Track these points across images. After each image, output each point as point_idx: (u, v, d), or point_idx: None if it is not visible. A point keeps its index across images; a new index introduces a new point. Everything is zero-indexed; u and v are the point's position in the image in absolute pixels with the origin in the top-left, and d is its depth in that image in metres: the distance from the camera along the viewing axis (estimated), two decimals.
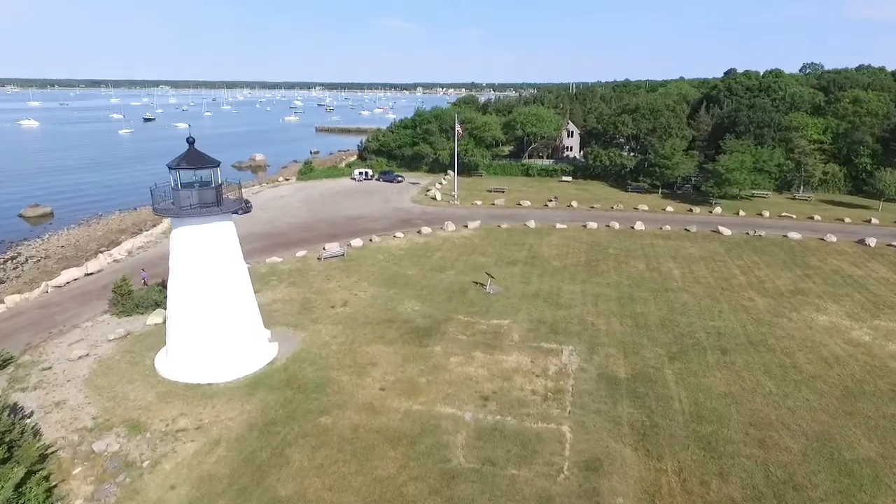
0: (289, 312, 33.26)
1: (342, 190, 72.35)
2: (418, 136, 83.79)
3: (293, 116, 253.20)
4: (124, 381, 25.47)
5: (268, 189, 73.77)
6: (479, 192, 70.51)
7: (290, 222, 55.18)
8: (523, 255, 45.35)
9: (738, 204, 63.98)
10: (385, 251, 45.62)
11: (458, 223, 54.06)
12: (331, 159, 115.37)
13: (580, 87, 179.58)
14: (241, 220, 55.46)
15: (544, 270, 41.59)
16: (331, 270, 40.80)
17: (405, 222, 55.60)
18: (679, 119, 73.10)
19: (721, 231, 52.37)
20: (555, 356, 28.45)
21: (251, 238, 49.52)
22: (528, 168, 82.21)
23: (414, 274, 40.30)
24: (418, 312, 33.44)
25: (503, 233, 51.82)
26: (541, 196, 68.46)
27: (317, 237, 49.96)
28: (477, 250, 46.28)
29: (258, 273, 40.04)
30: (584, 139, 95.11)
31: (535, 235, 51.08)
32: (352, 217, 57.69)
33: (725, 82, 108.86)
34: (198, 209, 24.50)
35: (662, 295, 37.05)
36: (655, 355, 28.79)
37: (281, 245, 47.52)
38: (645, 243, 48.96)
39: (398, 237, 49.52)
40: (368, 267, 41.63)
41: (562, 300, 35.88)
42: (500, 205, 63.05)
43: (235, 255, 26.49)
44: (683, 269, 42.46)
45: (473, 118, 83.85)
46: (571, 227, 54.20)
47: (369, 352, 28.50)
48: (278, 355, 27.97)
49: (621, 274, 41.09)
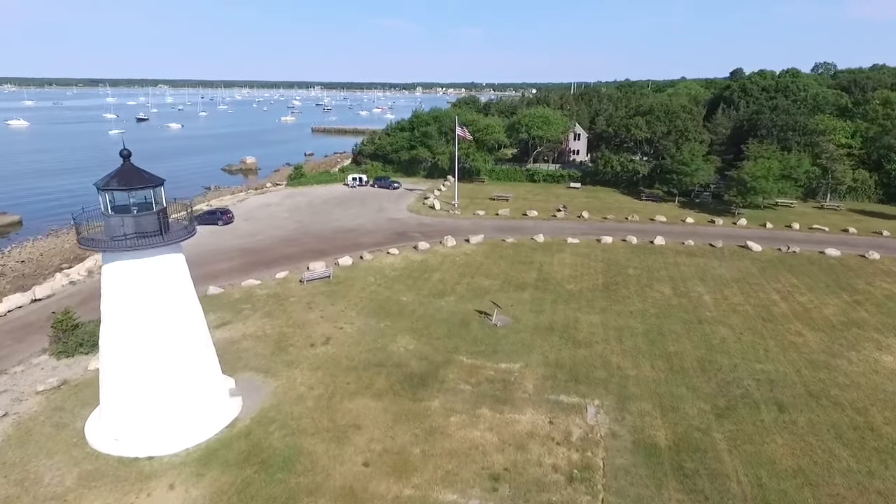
0: (260, 353, 28.16)
1: (334, 197, 67.26)
2: (416, 140, 78.70)
3: (290, 116, 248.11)
4: (42, 453, 20.37)
5: (254, 196, 68.67)
6: (482, 200, 65.43)
7: (274, 236, 50.07)
8: (533, 276, 40.29)
9: (763, 214, 58.92)
10: (377, 271, 40.54)
11: (458, 237, 49.01)
12: (325, 162, 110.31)
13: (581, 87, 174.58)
14: (221, 233, 50.47)
15: (557, 296, 36.53)
16: (314, 296, 35.72)
17: (401, 235, 50.50)
18: (696, 122, 68.05)
19: (750, 246, 47.31)
20: (578, 414, 23.37)
21: (228, 254, 44.45)
22: (534, 173, 77.09)
23: (409, 301, 35.23)
24: (413, 352, 28.36)
25: (509, 249, 46.73)
26: (548, 205, 63.38)
27: (302, 254, 44.87)
28: (480, 270, 41.21)
29: (230, 300, 34.95)
30: (591, 142, 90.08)
31: (544, 252, 46.00)
32: (342, 229, 52.58)
33: (739, 82, 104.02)
34: (135, 240, 19.41)
35: (696, 328, 31.99)
36: (699, 412, 23.74)
37: (261, 264, 42.43)
38: (668, 262, 43.89)
39: (392, 254, 44.45)
40: (357, 292, 36.54)
41: (580, 335, 30.81)
42: (504, 215, 57.98)
43: (185, 294, 21.38)
44: (715, 294, 37.41)
45: (475, 120, 78.72)
46: (584, 241, 49.12)
47: (352, 409, 23.42)
48: (241, 414, 22.89)
49: (645, 300, 36.03)
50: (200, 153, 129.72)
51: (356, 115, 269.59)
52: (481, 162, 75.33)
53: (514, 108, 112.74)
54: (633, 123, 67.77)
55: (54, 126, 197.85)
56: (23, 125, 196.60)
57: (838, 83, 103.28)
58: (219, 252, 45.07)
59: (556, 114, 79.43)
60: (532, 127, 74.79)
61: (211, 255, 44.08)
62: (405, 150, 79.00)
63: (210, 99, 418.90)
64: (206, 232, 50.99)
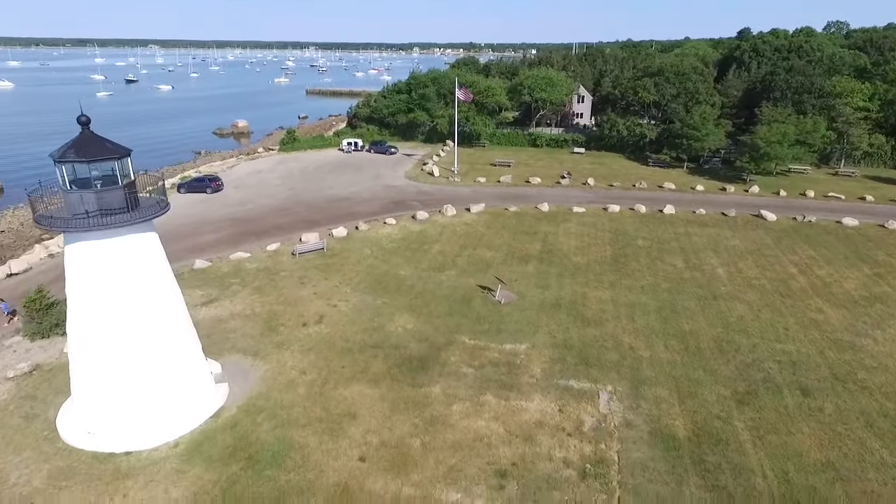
0: (249, 333, 26.39)
1: (328, 163, 64.54)
2: (414, 102, 75.31)
3: (283, 78, 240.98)
4: (10, 449, 18.75)
5: (245, 162, 65.90)
6: (483, 167, 62.83)
7: (265, 205, 47.75)
8: (537, 247, 38.31)
9: (775, 181, 56.59)
10: (373, 243, 38.49)
11: (459, 205, 46.79)
12: (319, 126, 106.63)
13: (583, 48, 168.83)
14: (209, 202, 48.15)
15: (564, 269, 34.64)
16: (307, 270, 33.78)
17: (398, 204, 48.23)
18: (707, 83, 64.84)
19: (764, 216, 45.24)
20: (589, 402, 21.80)
21: (217, 225, 42.27)
22: (536, 138, 74.13)
23: (407, 275, 33.33)
24: (412, 332, 26.62)
25: (512, 218, 44.59)
26: (552, 171, 60.86)
27: (294, 224, 42.70)
28: (482, 241, 39.19)
29: (218, 274, 33.00)
30: (595, 105, 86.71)
31: (549, 221, 43.90)
32: (337, 198, 50.24)
33: (749, 41, 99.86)
34: (98, 218, 17.27)
35: (711, 304, 30.25)
36: (719, 398, 22.19)
37: (251, 234, 40.30)
38: (679, 232, 41.88)
39: (389, 224, 42.31)
40: (352, 265, 34.58)
41: (589, 312, 29.06)
42: (506, 182, 55.57)
43: (159, 275, 19.39)
44: (729, 266, 35.57)
45: (475, 81, 75.17)
46: (590, 210, 46.96)
47: (347, 396, 21.78)
48: (227, 402, 21.25)
49: (656, 274, 34.19)
50: (191, 116, 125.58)
51: (352, 77, 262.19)
52: (482, 126, 72.28)
53: (515, 70, 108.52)
54: (641, 85, 64.53)
55: (40, 88, 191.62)
56: (7, 86, 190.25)
57: (852, 43, 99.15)
58: (207, 222, 42.86)
59: (560, 75, 75.90)
60: (535, 89, 71.42)
61: (198, 226, 41.90)
62: (402, 113, 75.73)
63: (202, 60, 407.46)
64: (195, 200, 48.69)
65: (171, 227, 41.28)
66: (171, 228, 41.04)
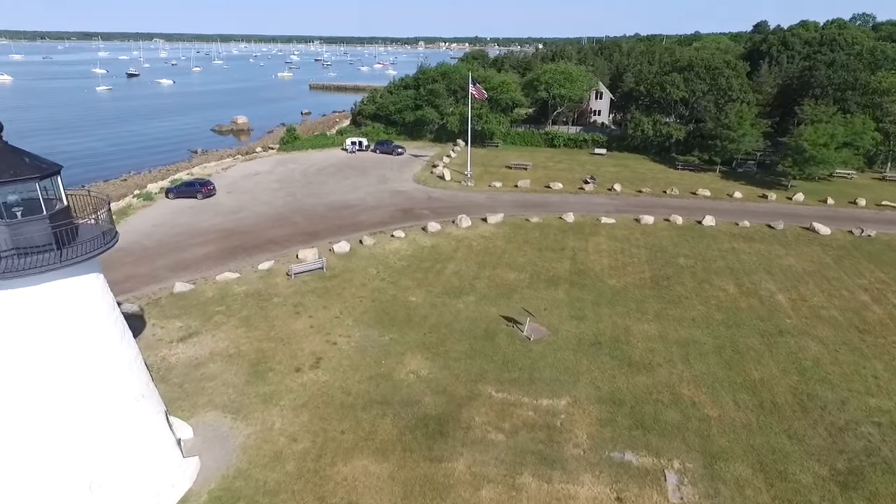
0: (230, 381, 21.93)
1: (330, 165, 59.96)
2: (422, 99, 70.53)
3: (287, 72, 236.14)
4: None
5: (242, 163, 61.40)
6: (497, 169, 58.12)
7: (259, 213, 43.24)
8: (566, 267, 33.67)
9: (819, 188, 51.68)
10: (379, 261, 33.95)
11: (474, 215, 42.20)
12: (322, 122, 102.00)
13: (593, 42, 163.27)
14: (199, 209, 43.70)
15: (599, 295, 30.01)
16: (303, 295, 29.28)
17: (406, 213, 43.64)
18: (741, 79, 59.77)
19: (816, 228, 40.41)
20: (654, 485, 17.23)
21: (205, 236, 37.80)
22: (553, 137, 69.27)
23: (419, 302, 28.78)
24: (426, 381, 22.10)
25: (534, 230, 39.93)
26: (573, 175, 56.11)
27: (291, 237, 38.20)
28: (503, 259, 34.58)
29: (201, 299, 28.54)
30: (613, 102, 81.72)
31: (576, 234, 39.22)
32: (339, 205, 45.68)
33: (777, 35, 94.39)
34: (12, 260, 12.79)
35: (778, 342, 25.59)
36: (815, 479, 17.58)
37: (242, 249, 35.83)
38: (724, 248, 37.13)
39: (398, 237, 37.75)
40: (355, 289, 30.06)
41: (635, 353, 24.47)
42: (524, 187, 50.85)
43: (101, 329, 14.85)
44: (790, 292, 30.85)
45: (488, 76, 70.31)
46: (620, 220, 42.24)
47: (348, 476, 17.29)
48: (196, 485, 16.79)
49: (707, 301, 29.51)
50: (191, 111, 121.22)
51: (356, 71, 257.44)
52: (495, 124, 67.46)
53: (527, 64, 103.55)
54: (669, 81, 59.55)
55: (39, 82, 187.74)
56: (6, 80, 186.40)
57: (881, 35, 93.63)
58: (194, 234, 38.42)
59: (579, 70, 70.90)
60: (553, 85, 66.50)
61: (184, 238, 37.47)
62: (410, 110, 70.97)
63: (206, 54, 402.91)
64: (183, 207, 44.28)
65: (155, 240, 37.00)
66: (155, 241, 36.76)
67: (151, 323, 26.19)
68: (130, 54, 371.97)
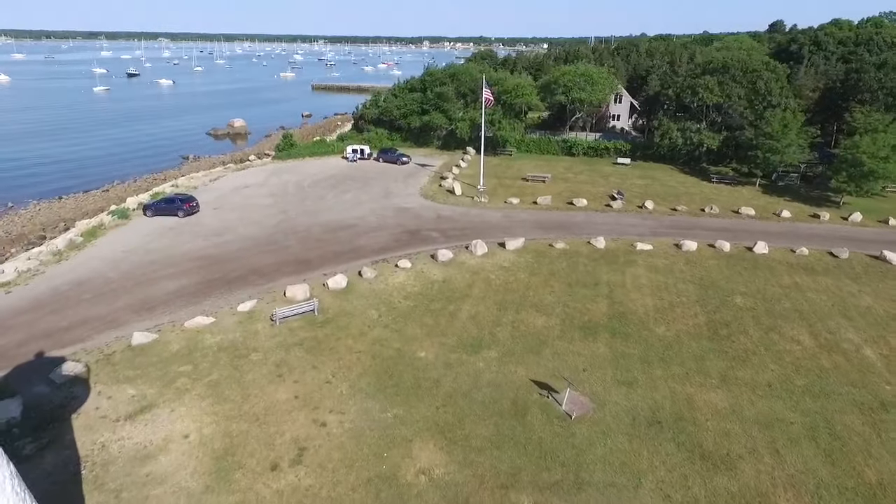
0: (184, 485, 16.74)
1: (329, 176, 54.76)
2: (429, 103, 65.25)
3: (289, 72, 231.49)
4: None
5: (233, 173, 56.26)
6: (512, 182, 52.81)
7: (246, 236, 38.06)
8: (603, 308, 28.36)
9: (874, 205, 46.19)
10: (381, 300, 28.73)
11: (489, 238, 37.00)
12: (322, 126, 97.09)
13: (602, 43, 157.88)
14: (178, 230, 38.64)
15: (648, 348, 24.72)
16: (288, 349, 24.10)
17: (413, 236, 38.41)
18: (781, 83, 54.23)
19: (887, 258, 34.95)
20: None
21: (182, 266, 32.64)
22: (572, 145, 63.81)
23: (429, 359, 23.56)
24: (441, 486, 16.85)
25: (561, 259, 34.60)
26: (597, 188, 50.73)
27: (280, 266, 33.02)
28: (528, 298, 29.29)
29: (164, 355, 23.38)
30: (634, 106, 76.26)
31: (609, 265, 33.87)
32: (337, 225, 40.47)
33: (808, 34, 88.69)
34: None
35: (885, 421, 20.24)
36: None
37: (221, 282, 30.66)
38: (785, 284, 31.72)
39: (403, 268, 32.53)
40: (352, 340, 24.84)
41: (707, 438, 19.16)
42: (545, 204, 45.49)
43: None
44: (878, 344, 25.47)
45: (502, 79, 64.93)
46: (659, 246, 36.87)
47: None
48: None
49: (781, 359, 24.16)
50: (187, 113, 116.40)
51: (360, 71, 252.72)
52: (509, 131, 62.10)
53: (539, 64, 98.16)
54: (702, 84, 54.06)
55: (36, 82, 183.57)
56: (3, 80, 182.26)
57: None
58: (168, 262, 33.29)
59: (600, 72, 65.37)
60: (572, 88, 61.05)
61: (156, 269, 32.33)
62: (416, 115, 65.70)
63: (209, 53, 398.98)
64: (161, 228, 39.20)
65: (122, 270, 31.93)
66: (122, 272, 31.69)
67: (97, 391, 21.06)
68: (133, 53, 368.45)
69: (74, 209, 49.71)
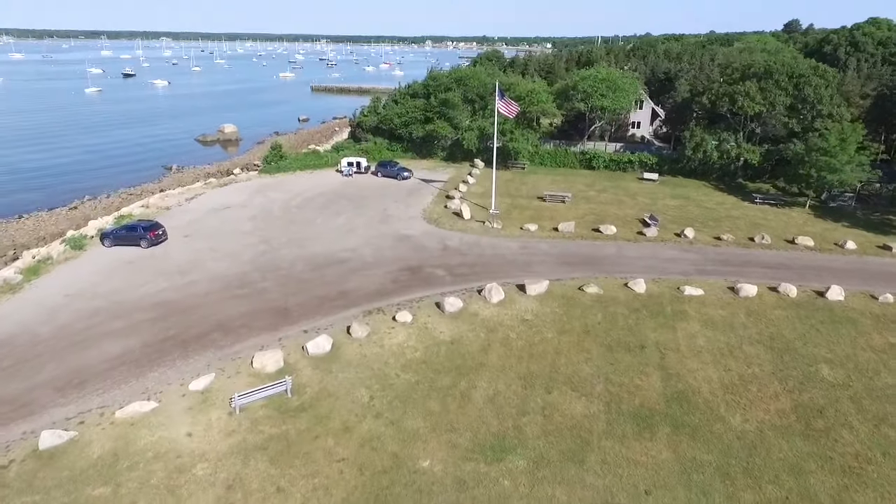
0: None
1: (320, 194, 48.65)
2: (433, 110, 59.09)
3: (289, 73, 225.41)
4: None
5: (214, 189, 50.20)
6: (528, 202, 46.62)
7: (216, 274, 31.99)
8: (656, 385, 22.22)
9: None
10: (374, 372, 22.63)
11: (506, 278, 30.94)
12: (319, 132, 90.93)
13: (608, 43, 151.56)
14: (138, 265, 32.63)
15: (725, 452, 18.56)
16: (247, 457, 18.02)
17: (415, 274, 32.29)
18: (832, 89, 47.97)
19: None
20: None
21: (132, 318, 26.53)
22: (591, 158, 57.58)
23: (436, 474, 17.46)
24: None
25: (594, 309, 28.41)
26: (624, 210, 44.52)
27: (252, 317, 26.95)
28: (558, 368, 23.17)
29: (76, 468, 17.33)
30: (655, 113, 70.03)
31: (654, 317, 27.68)
32: (324, 259, 34.37)
33: (842, 34, 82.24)
34: None
35: None
36: None
37: (176, 344, 24.60)
38: (877, 346, 25.51)
39: (402, 322, 26.43)
40: (334, 439, 18.76)
41: None
42: (567, 232, 39.29)
43: None
44: None
45: (514, 84, 58.71)
46: (710, 290, 30.63)
47: None
48: None
49: None
50: (179, 117, 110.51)
51: (361, 72, 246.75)
52: (523, 142, 55.91)
53: (550, 67, 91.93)
54: (742, 91, 47.81)
55: (29, 83, 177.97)
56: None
57: None
58: (116, 312, 27.24)
59: (623, 76, 59.06)
60: (594, 95, 54.81)
61: (99, 321, 26.30)
62: (418, 123, 59.55)
63: (209, 53, 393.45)
64: (118, 262, 33.19)
65: (57, 324, 25.98)
66: (56, 326, 25.76)
67: None
68: (133, 53, 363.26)
69: (32, 231, 43.82)
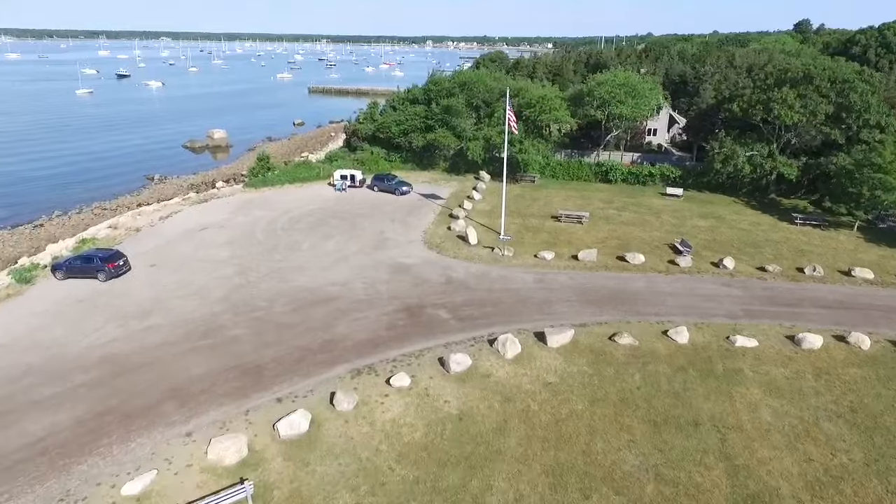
0: None
1: (309, 212, 43.80)
2: (434, 117, 54.22)
3: (287, 73, 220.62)
4: None
5: (192, 207, 45.35)
6: (541, 222, 41.72)
7: (179, 317, 27.13)
8: (722, 484, 17.36)
9: None
10: (361, 465, 17.76)
11: (521, 323, 26.12)
12: (313, 138, 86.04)
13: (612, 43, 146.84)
14: (94, 301, 27.72)
15: None
16: None
17: (413, 317, 27.41)
18: (879, 96, 43.12)
19: None
20: None
21: (67, 382, 21.69)
22: (608, 170, 52.68)
23: None
24: None
25: (631, 368, 23.52)
26: (649, 232, 39.63)
27: (215, 378, 22.09)
28: (594, 460, 18.31)
29: None
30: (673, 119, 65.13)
31: (704, 380, 22.79)
32: (309, 297, 29.50)
33: (869, 34, 77.36)
34: None
35: None
36: None
37: (116, 419, 19.76)
38: None
39: (397, 388, 21.56)
40: None
41: None
42: (588, 261, 34.37)
43: None
44: None
45: (523, 89, 53.83)
46: (765, 339, 25.73)
47: None
48: None
49: None
50: (169, 120, 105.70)
51: (361, 72, 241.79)
52: (533, 154, 51.01)
53: (558, 69, 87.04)
54: (779, 99, 42.97)
55: (19, 84, 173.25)
56: None
57: None
58: (47, 373, 22.39)
59: (644, 82, 54.14)
60: (612, 102, 49.90)
61: (24, 387, 21.44)
62: (419, 132, 54.63)
63: (208, 53, 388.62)
64: (68, 300, 28.36)
65: None
66: None
67: None
68: (131, 53, 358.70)
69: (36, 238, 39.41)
